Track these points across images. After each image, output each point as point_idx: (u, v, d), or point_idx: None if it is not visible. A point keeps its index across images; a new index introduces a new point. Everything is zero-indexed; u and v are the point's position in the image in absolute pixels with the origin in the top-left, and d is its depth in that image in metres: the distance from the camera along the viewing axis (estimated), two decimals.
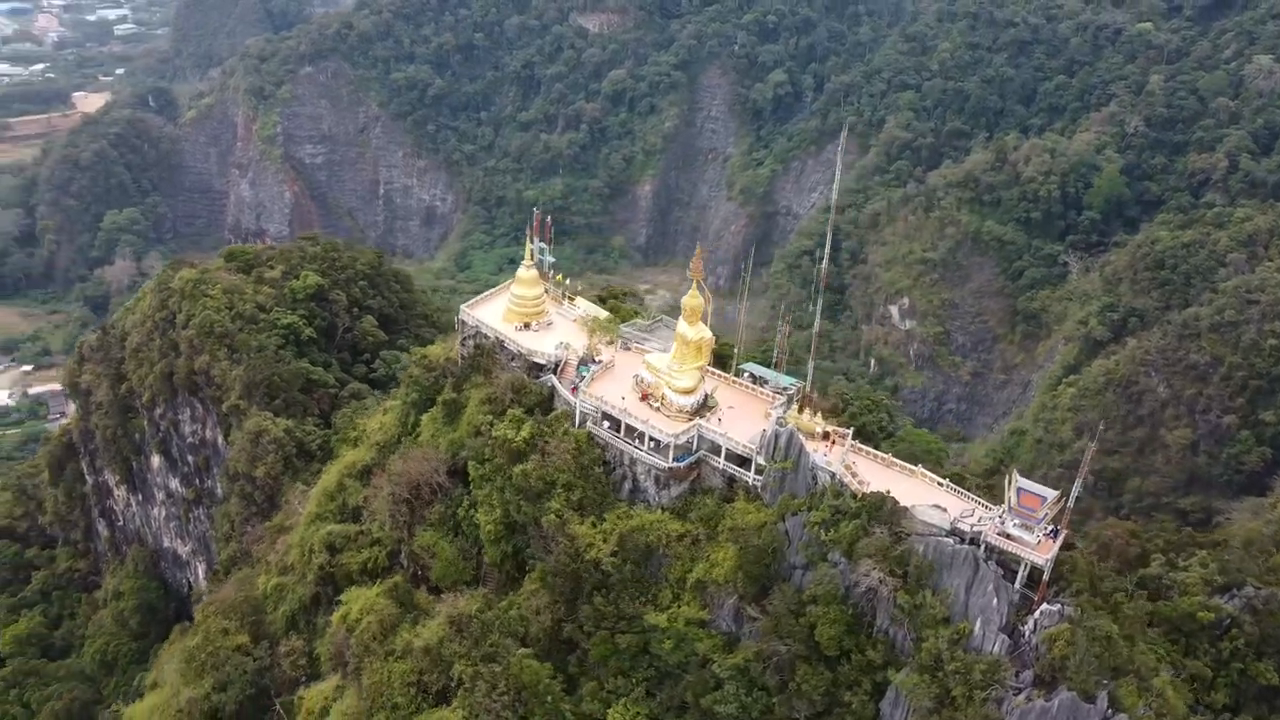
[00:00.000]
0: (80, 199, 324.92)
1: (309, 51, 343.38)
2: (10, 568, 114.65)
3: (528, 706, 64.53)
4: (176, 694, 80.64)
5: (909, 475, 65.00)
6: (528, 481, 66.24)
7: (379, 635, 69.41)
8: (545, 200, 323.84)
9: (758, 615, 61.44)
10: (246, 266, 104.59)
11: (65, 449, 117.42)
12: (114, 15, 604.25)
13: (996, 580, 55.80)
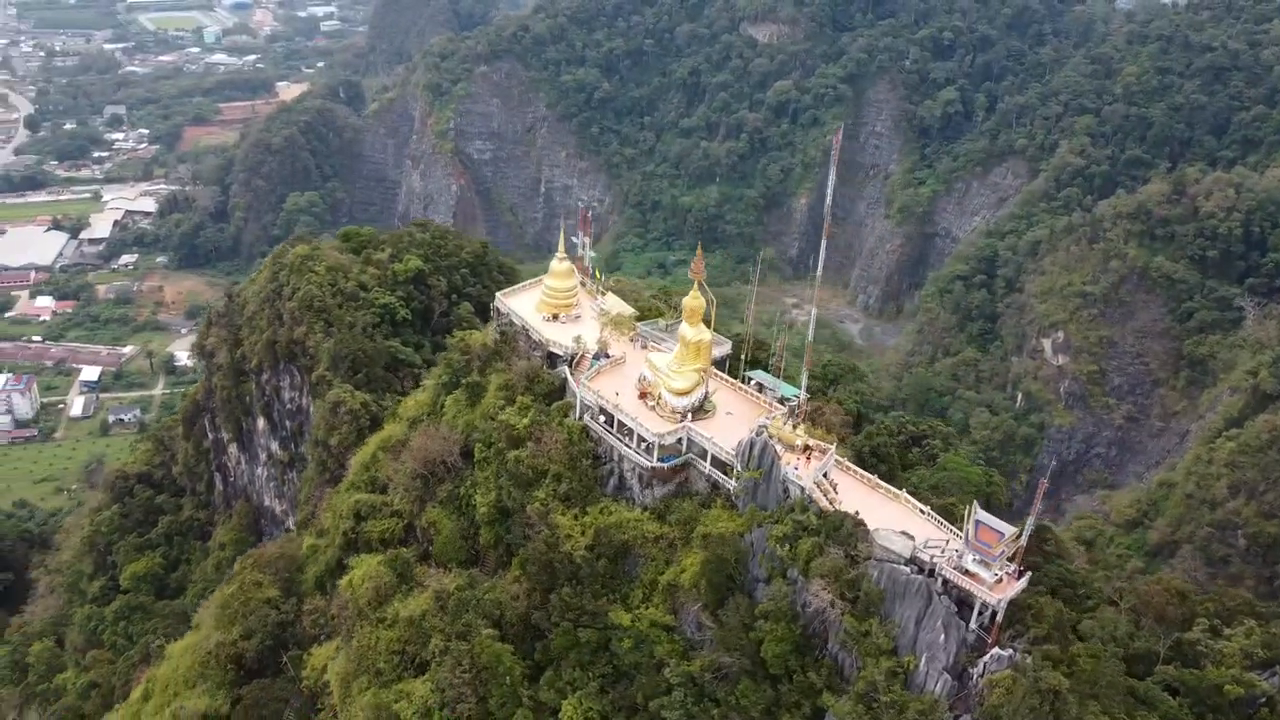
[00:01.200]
0: (269, 180, 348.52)
1: (485, 52, 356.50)
2: (143, 510, 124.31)
3: (487, 687, 65.02)
4: (208, 637, 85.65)
5: (892, 499, 62.17)
6: (520, 468, 66.39)
7: (373, 602, 71.38)
8: (700, 208, 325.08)
9: (711, 625, 59.91)
10: (359, 247, 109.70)
11: (195, 406, 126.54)
12: (321, 12, 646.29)
13: (947, 616, 52.46)
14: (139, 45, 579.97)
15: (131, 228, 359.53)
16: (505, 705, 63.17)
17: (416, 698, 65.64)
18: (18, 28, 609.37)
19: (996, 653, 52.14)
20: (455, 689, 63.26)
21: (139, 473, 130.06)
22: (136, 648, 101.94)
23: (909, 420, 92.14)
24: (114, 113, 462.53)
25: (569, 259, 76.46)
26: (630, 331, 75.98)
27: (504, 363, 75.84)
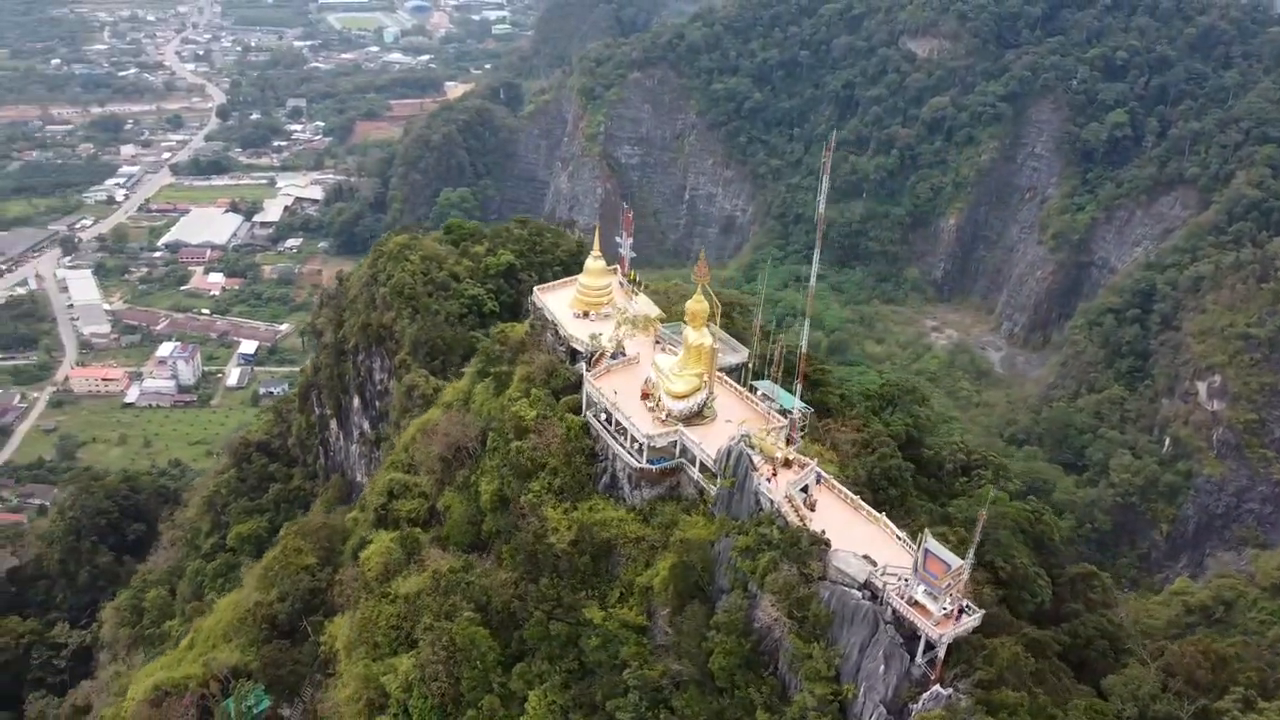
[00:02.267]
0: (425, 175, 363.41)
1: (640, 58, 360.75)
2: (257, 476, 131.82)
3: (460, 669, 65.90)
4: (249, 596, 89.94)
5: (872, 521, 59.65)
6: (520, 458, 66.51)
7: (380, 577, 73.11)
8: (843, 222, 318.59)
9: (669, 631, 58.30)
10: (458, 240, 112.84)
11: (308, 382, 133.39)
12: (494, 16, 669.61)
13: (890, 646, 50.22)
14: (325, 43, 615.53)
15: (299, 213, 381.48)
16: (476, 689, 64.29)
17: (400, 672, 67.65)
18: (220, 24, 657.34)
19: (936, 691, 49.46)
20: (433, 667, 64.56)
21: (259, 441, 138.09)
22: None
23: (961, 447, 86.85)
24: (295, 105, 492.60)
25: (604, 258, 76.90)
26: (648, 332, 75.70)
27: (528, 355, 76.76)
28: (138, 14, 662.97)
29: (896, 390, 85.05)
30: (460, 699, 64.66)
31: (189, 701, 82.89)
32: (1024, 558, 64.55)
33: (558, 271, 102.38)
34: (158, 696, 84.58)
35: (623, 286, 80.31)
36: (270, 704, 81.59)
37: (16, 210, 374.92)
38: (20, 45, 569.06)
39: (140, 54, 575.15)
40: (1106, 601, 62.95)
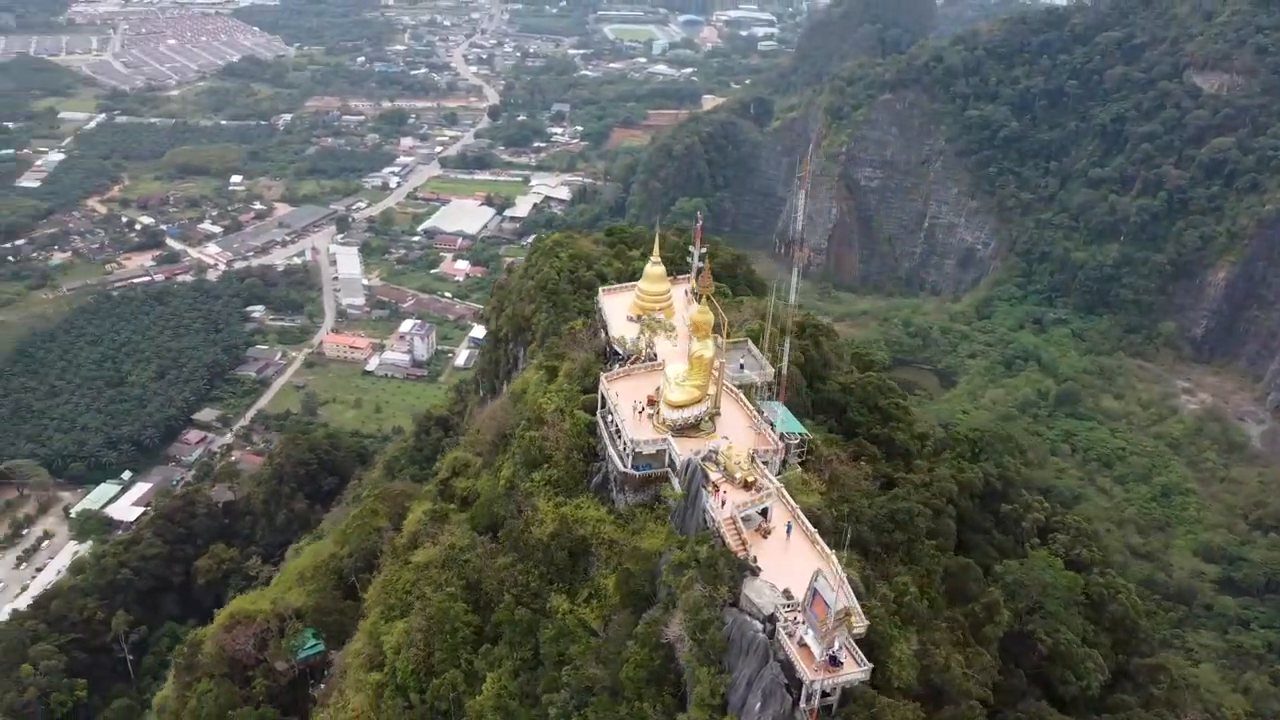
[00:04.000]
0: (664, 183, 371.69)
1: (892, 79, 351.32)
2: (431, 448, 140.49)
3: (434, 640, 68.20)
4: (326, 548, 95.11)
5: (823, 558, 56.44)
6: (530, 448, 66.36)
7: (407, 545, 75.01)
8: (1093, 265, 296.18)
9: (599, 635, 58.73)
10: (615, 243, 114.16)
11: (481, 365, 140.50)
12: (762, 33, 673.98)
13: (771, 685, 48.37)
14: (596, 52, 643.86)
15: (546, 211, 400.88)
16: (444, 661, 65.61)
17: (395, 634, 69.88)
18: (506, 31, 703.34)
19: None
20: (415, 634, 66.24)
21: (439, 416, 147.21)
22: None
23: (1043, 508, 77.43)
24: (559, 109, 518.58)
25: (663, 264, 76.20)
26: (660, 335, 74.40)
27: (574, 351, 77.70)
28: (437, 19, 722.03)
29: (990, 439, 77.77)
30: (430, 670, 66.86)
31: (251, 631, 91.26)
32: (1073, 634, 57.40)
33: None
34: (231, 623, 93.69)
35: (688, 295, 79.42)
36: (323, 649, 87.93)
37: (307, 189, 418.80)
38: (335, 44, 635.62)
39: (432, 55, 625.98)
40: (1172, 701, 54.58)
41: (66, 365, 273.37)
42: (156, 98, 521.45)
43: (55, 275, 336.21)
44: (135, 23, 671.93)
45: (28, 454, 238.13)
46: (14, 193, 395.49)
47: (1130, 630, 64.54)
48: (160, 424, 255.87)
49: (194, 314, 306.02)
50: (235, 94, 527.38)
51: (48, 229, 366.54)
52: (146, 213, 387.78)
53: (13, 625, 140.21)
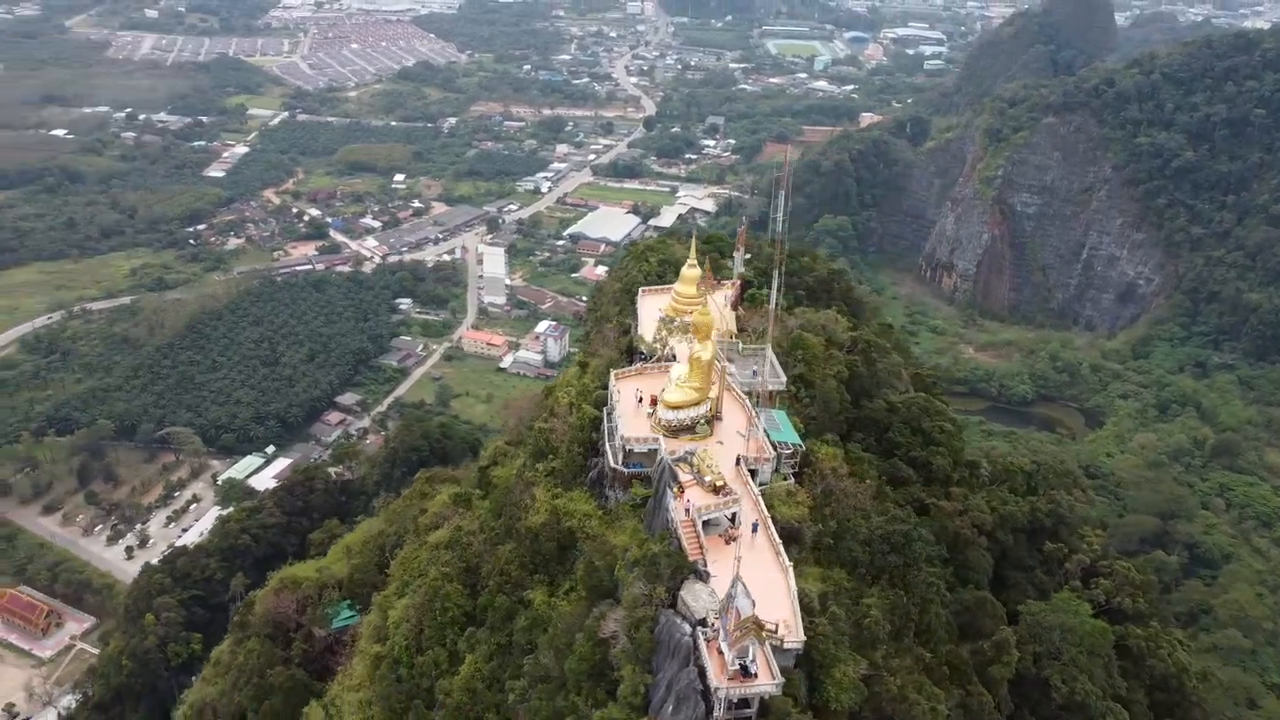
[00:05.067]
0: (809, 199, 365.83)
1: (1057, 102, 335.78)
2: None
3: (425, 618, 70.22)
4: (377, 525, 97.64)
5: (783, 571, 55.53)
6: (539, 438, 65.92)
7: (429, 525, 75.40)
8: (1270, 309, 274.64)
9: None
10: (709, 250, 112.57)
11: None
12: (929, 51, 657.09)
13: (685, 689, 48.08)
14: (757, 66, 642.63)
15: (689, 222, 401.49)
16: (431, 639, 65.92)
17: (397, 609, 70.72)
18: (669, 44, 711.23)
19: None
20: (410, 610, 66.86)
21: None
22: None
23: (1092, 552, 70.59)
24: (713, 122, 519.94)
25: (699, 267, 74.85)
26: (672, 334, 73.69)
27: (605, 349, 77.60)
28: (604, 30, 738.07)
29: (1045, 472, 72.12)
30: (420, 648, 67.62)
31: (295, 597, 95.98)
32: (1095, 685, 52.59)
33: (800, 295, 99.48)
34: (280, 586, 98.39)
35: (727, 300, 79.05)
36: (358, 619, 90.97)
37: (463, 190, 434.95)
38: (504, 51, 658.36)
39: (595, 65, 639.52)
40: None
41: (229, 343, 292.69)
42: (335, 98, 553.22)
43: (229, 259, 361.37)
44: (324, 27, 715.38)
45: (186, 422, 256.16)
46: (202, 181, 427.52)
47: (1176, 692, 58.78)
48: (305, 404, 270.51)
49: (346, 303, 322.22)
50: (407, 97, 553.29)
51: (227, 216, 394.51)
52: (315, 205, 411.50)
53: (143, 577, 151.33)
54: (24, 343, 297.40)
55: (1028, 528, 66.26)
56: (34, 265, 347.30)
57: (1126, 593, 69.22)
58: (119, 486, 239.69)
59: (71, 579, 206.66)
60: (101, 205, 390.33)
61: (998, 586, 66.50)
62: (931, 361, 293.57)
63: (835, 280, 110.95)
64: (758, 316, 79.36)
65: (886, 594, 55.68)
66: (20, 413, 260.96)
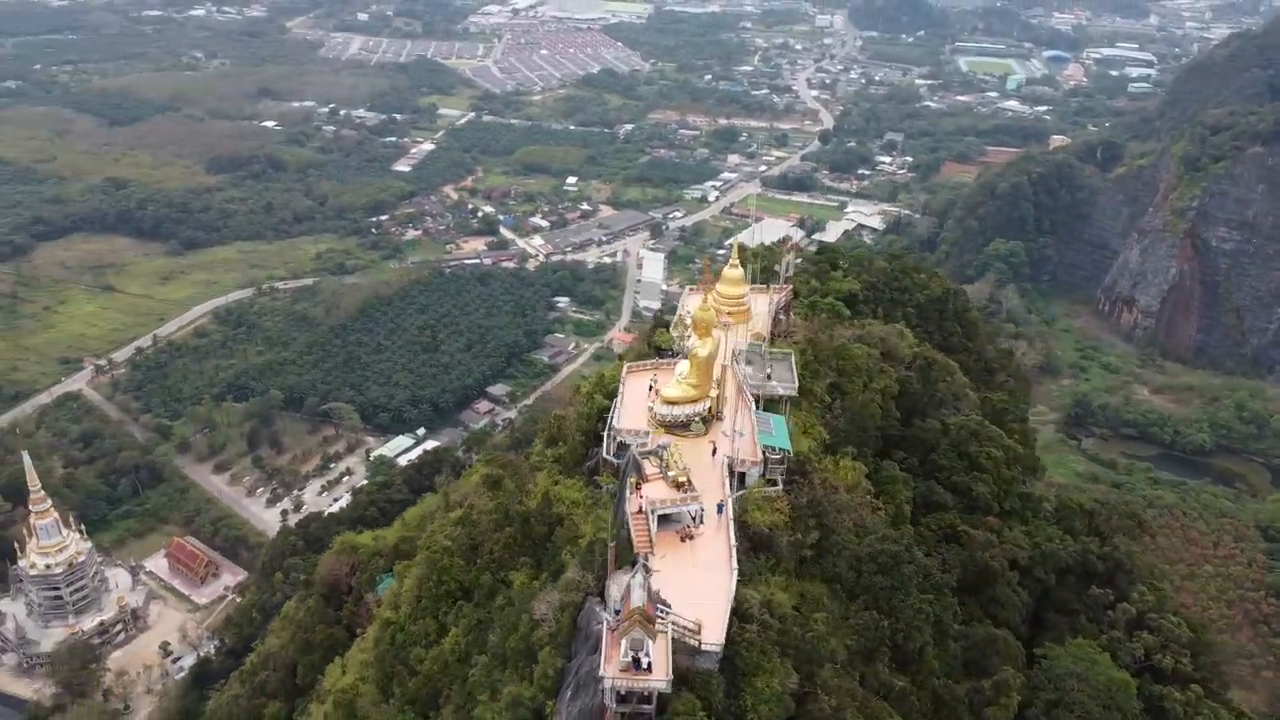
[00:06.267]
0: (982, 222, 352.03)
1: (1266, 131, 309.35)
2: None
3: (425, 590, 71.99)
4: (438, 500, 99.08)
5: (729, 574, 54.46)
6: (549, 425, 65.12)
7: (459, 502, 75.44)
8: None
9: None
10: (821, 260, 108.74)
11: None
12: (1136, 73, 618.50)
13: (585, 676, 48.09)
14: (945, 84, 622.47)
15: (855, 239, 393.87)
16: (425, 611, 66.15)
17: (409, 578, 71.52)
18: (855, 58, 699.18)
19: None
20: (414, 580, 67.53)
21: None
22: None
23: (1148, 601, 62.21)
24: (891, 138, 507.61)
25: (741, 268, 72.86)
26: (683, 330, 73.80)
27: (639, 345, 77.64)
28: (789, 42, 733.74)
29: (1108, 512, 65.01)
30: (420, 618, 68.32)
31: (350, 562, 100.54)
32: None
33: (910, 312, 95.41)
34: (339, 551, 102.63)
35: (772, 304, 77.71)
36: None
37: (631, 195, 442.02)
38: (687, 61, 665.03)
39: (776, 77, 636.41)
40: None
41: (394, 328, 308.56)
42: (520, 101, 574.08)
43: (405, 249, 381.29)
44: (518, 33, 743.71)
45: (348, 399, 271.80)
46: (389, 175, 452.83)
47: None
48: (458, 391, 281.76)
49: (507, 297, 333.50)
50: (587, 102, 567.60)
51: (407, 209, 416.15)
52: (490, 202, 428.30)
53: (280, 538, 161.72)
54: (217, 314, 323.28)
55: (1077, 569, 60.84)
56: (234, 244, 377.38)
57: (1171, 651, 62.09)
58: (282, 453, 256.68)
59: (231, 534, 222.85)
60: (297, 193, 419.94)
61: (1036, 627, 61.56)
62: (1100, 400, 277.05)
63: (950, 300, 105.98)
64: (813, 324, 76.82)
65: (862, 614, 52.62)
66: (206, 378, 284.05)
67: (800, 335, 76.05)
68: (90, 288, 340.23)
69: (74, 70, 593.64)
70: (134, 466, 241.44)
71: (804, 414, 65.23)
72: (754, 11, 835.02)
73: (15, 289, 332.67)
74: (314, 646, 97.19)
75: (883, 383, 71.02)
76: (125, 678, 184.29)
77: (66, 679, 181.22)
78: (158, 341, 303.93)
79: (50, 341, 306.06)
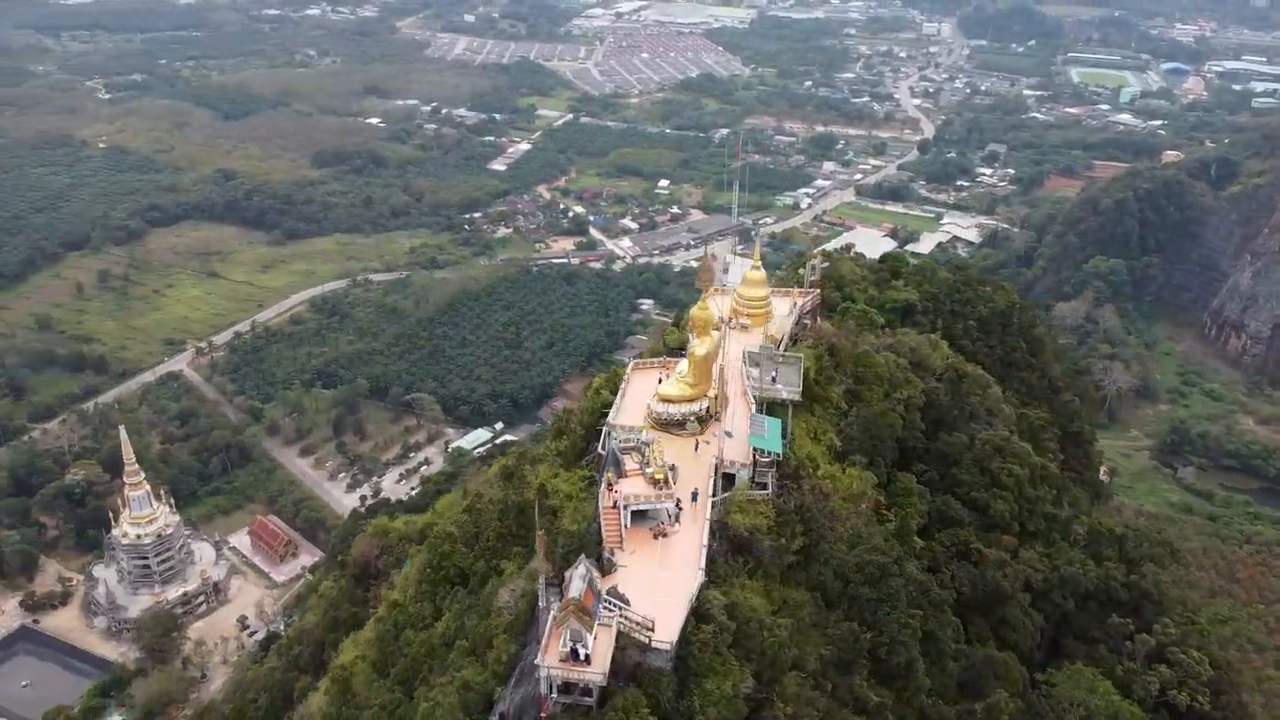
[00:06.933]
0: (1081, 238, 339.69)
1: None
2: None
3: (425, 575, 73.73)
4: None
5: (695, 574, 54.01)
6: (557, 419, 64.34)
7: (475, 491, 75.62)
8: None
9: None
10: (883, 269, 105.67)
11: None
12: (1261, 88, 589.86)
13: (528, 664, 48.42)
14: (1054, 95, 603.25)
15: (948, 251, 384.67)
16: (425, 594, 66.06)
17: (417, 562, 72.16)
18: (961, 67, 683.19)
19: None
20: (420, 564, 67.87)
21: None
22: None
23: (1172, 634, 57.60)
24: (993, 150, 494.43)
25: (763, 269, 71.36)
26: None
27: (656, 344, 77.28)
28: (893, 50, 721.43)
29: (1139, 539, 60.78)
30: (419, 600, 68.76)
31: (380, 545, 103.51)
32: None
33: (970, 325, 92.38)
34: (373, 533, 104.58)
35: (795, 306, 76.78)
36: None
37: (722, 199, 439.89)
38: (788, 67, 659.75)
39: (878, 85, 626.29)
40: None
41: (480, 323, 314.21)
42: (617, 103, 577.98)
43: (496, 246, 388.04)
44: (619, 36, 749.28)
45: (430, 391, 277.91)
46: (486, 174, 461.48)
47: None
48: (537, 388, 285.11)
49: (591, 297, 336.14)
50: (684, 106, 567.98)
51: (500, 207, 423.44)
52: (581, 203, 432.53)
53: (349, 521, 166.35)
54: (313, 303, 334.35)
55: (1099, 596, 57.83)
56: (333, 236, 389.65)
57: (1189, 687, 58.17)
58: (365, 440, 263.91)
59: (310, 516, 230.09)
60: (396, 188, 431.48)
61: (1053, 653, 58.71)
62: (1199, 428, 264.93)
63: (1014, 314, 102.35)
64: (844, 330, 74.98)
65: (840, 625, 50.81)
66: (298, 364, 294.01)
67: (824, 340, 74.61)
68: (196, 273, 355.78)
69: (196, 65, 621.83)
70: (225, 446, 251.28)
71: (816, 420, 63.91)
72: (859, 18, 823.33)
73: (128, 272, 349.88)
74: (340, 624, 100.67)
75: (906, 393, 69.01)
76: (203, 647, 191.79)
77: (149, 645, 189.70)
78: (255, 327, 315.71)
79: (157, 323, 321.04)
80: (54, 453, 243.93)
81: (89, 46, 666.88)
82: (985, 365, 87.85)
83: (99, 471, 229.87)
